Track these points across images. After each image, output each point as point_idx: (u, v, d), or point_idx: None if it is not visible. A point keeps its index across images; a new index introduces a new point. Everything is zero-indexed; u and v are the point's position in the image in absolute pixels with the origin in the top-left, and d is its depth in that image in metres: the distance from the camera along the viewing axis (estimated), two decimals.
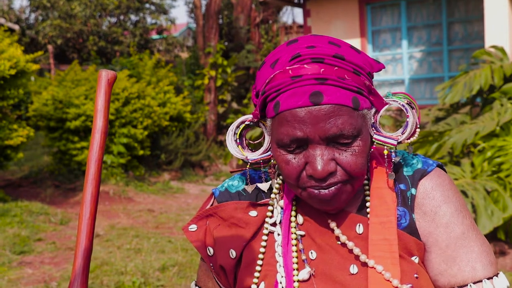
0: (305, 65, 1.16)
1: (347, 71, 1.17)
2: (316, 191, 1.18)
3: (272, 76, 1.20)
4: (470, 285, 1.21)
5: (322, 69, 1.16)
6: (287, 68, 1.18)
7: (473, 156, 5.93)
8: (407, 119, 1.24)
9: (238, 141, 1.33)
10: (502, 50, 7.71)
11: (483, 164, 5.61)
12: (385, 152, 1.25)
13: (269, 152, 1.30)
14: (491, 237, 5.39)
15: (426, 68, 11.44)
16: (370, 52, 11.67)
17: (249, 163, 1.33)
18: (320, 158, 1.16)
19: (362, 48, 11.41)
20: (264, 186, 1.36)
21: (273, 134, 1.22)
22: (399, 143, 1.24)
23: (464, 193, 5.15)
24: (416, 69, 11.54)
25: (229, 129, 1.33)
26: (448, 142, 5.80)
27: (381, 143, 1.24)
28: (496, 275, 1.24)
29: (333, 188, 1.18)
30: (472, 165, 5.76)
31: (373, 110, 1.23)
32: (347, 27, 11.54)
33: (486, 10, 8.71)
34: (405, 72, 11.56)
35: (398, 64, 11.66)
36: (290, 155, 1.19)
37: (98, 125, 1.15)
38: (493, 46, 7.86)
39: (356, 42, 11.37)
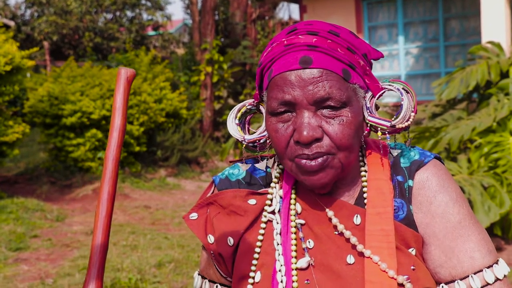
0: (300, 36, 1.21)
1: (340, 45, 1.21)
2: (303, 161, 1.19)
3: (269, 49, 1.25)
4: (471, 276, 1.21)
5: (315, 39, 1.20)
6: (283, 39, 1.23)
7: (469, 152, 5.92)
8: (402, 102, 1.25)
9: (238, 122, 1.36)
10: (498, 45, 7.71)
11: (480, 160, 5.61)
12: (379, 133, 1.26)
13: (265, 133, 1.33)
14: (488, 233, 5.39)
15: (422, 64, 11.44)
16: None
17: (245, 144, 1.35)
18: (307, 123, 1.17)
19: None
20: (260, 165, 1.39)
21: (266, 104, 1.25)
22: (392, 126, 1.24)
23: (461, 189, 5.15)
24: (412, 65, 11.54)
25: (231, 111, 1.37)
26: (445, 138, 5.80)
27: (374, 124, 1.25)
28: (496, 262, 1.23)
29: (319, 159, 1.19)
30: (469, 161, 5.76)
31: (370, 93, 1.26)
32: (343, 23, 11.52)
33: (483, 6, 8.70)
34: (401, 68, 11.56)
35: (395, 60, 11.66)
36: (280, 124, 1.21)
37: (116, 123, 1.14)
38: (490, 42, 7.85)
39: None
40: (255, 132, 1.37)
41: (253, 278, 1.28)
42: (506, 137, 5.69)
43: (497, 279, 1.21)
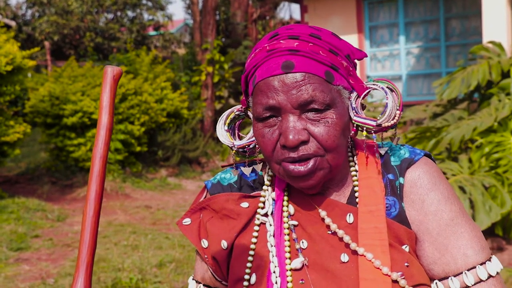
0: (281, 41, 1.22)
1: (322, 48, 1.22)
2: (291, 166, 1.20)
3: (252, 55, 1.26)
4: (465, 273, 1.22)
5: (296, 43, 1.21)
6: (265, 45, 1.24)
7: (471, 152, 5.92)
8: (386, 101, 1.26)
9: (227, 128, 1.38)
10: (499, 45, 7.70)
11: (481, 159, 5.61)
12: (364, 133, 1.27)
13: (254, 138, 1.34)
14: (489, 233, 5.39)
15: (423, 64, 11.43)
16: (367, 48, 11.66)
17: (235, 150, 1.37)
18: (292, 127, 1.18)
19: (359, 44, 11.41)
20: (246, 170, 1.40)
21: (252, 110, 1.26)
22: (378, 125, 1.25)
23: (462, 189, 5.15)
24: (413, 65, 11.53)
25: (220, 117, 1.39)
26: (446, 138, 5.79)
27: (360, 124, 1.26)
28: (489, 259, 1.24)
29: (309, 164, 1.19)
30: (470, 161, 5.76)
31: (355, 94, 1.27)
32: (344, 23, 11.52)
33: (484, 6, 8.70)
34: (402, 68, 11.56)
35: (396, 60, 11.66)
36: (266, 129, 1.22)
37: (103, 121, 1.13)
38: (491, 42, 7.85)
39: (353, 38, 11.36)
40: (244, 136, 1.38)
41: (248, 280, 1.29)
42: (507, 137, 5.69)
43: (490, 276, 1.23)
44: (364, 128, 1.26)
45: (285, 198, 1.32)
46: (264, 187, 1.34)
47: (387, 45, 11.70)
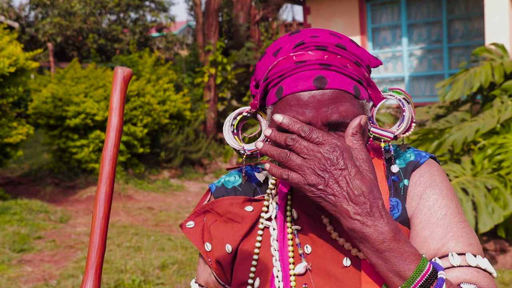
0: (309, 52, 1.18)
1: (349, 60, 1.19)
2: None
3: (275, 62, 1.21)
4: (435, 259, 1.18)
5: (326, 56, 1.17)
6: (291, 54, 1.19)
7: (473, 153, 5.91)
8: (403, 113, 1.26)
9: (235, 131, 1.35)
10: (502, 47, 7.69)
11: (484, 161, 5.60)
12: (383, 145, 1.26)
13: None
14: (492, 234, 5.38)
15: (426, 65, 11.42)
16: (370, 49, 11.65)
17: (245, 154, 1.33)
18: None
19: (362, 46, 11.40)
20: (260, 177, 1.38)
21: (274, 120, 1.22)
22: (395, 136, 1.25)
23: (464, 190, 5.14)
24: (416, 67, 11.53)
25: (226, 120, 1.35)
26: (449, 139, 5.79)
27: (378, 136, 1.25)
28: (476, 255, 1.18)
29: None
30: (473, 162, 5.75)
31: (371, 103, 1.26)
32: (347, 25, 11.52)
33: (487, 7, 8.69)
34: (405, 69, 11.55)
35: (398, 62, 11.65)
36: None
37: (113, 123, 1.12)
38: (494, 44, 7.84)
39: (356, 40, 11.35)
40: (249, 139, 1.36)
41: (252, 285, 1.28)
42: (510, 138, 5.68)
43: (468, 265, 1.16)
44: (382, 140, 1.26)
45: (289, 202, 1.32)
46: (268, 191, 1.34)
47: (389, 47, 11.69)
